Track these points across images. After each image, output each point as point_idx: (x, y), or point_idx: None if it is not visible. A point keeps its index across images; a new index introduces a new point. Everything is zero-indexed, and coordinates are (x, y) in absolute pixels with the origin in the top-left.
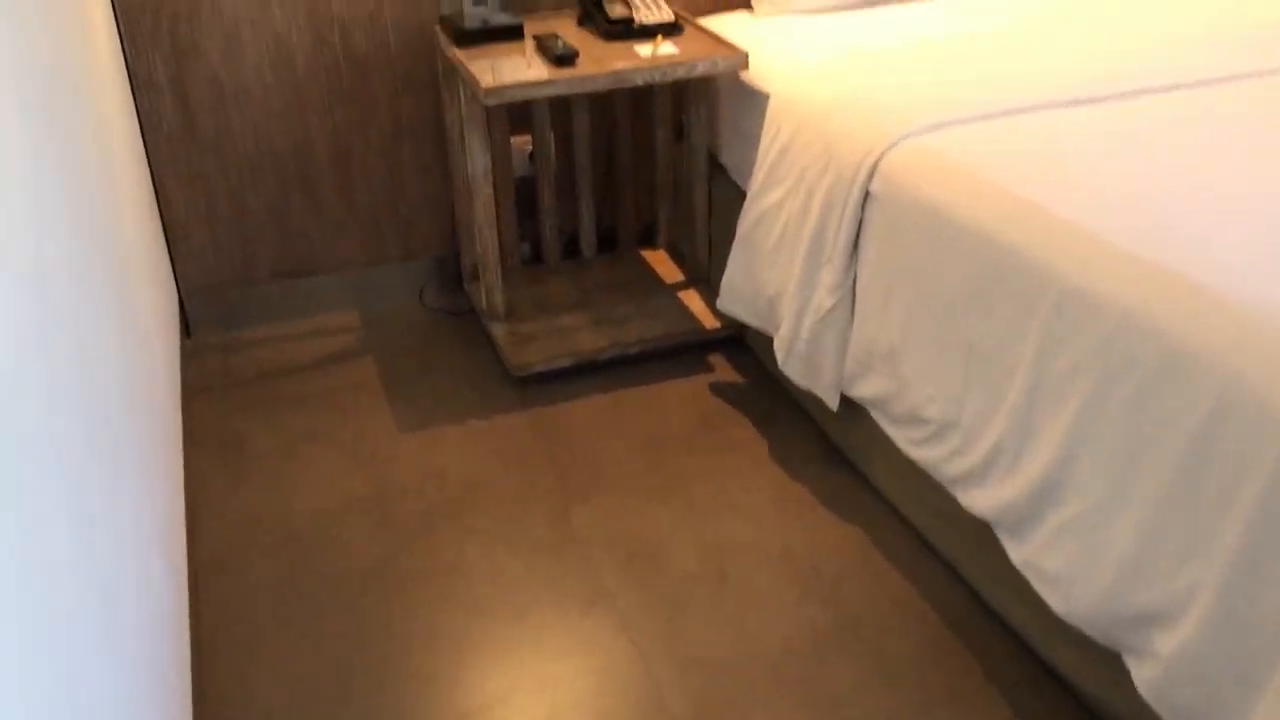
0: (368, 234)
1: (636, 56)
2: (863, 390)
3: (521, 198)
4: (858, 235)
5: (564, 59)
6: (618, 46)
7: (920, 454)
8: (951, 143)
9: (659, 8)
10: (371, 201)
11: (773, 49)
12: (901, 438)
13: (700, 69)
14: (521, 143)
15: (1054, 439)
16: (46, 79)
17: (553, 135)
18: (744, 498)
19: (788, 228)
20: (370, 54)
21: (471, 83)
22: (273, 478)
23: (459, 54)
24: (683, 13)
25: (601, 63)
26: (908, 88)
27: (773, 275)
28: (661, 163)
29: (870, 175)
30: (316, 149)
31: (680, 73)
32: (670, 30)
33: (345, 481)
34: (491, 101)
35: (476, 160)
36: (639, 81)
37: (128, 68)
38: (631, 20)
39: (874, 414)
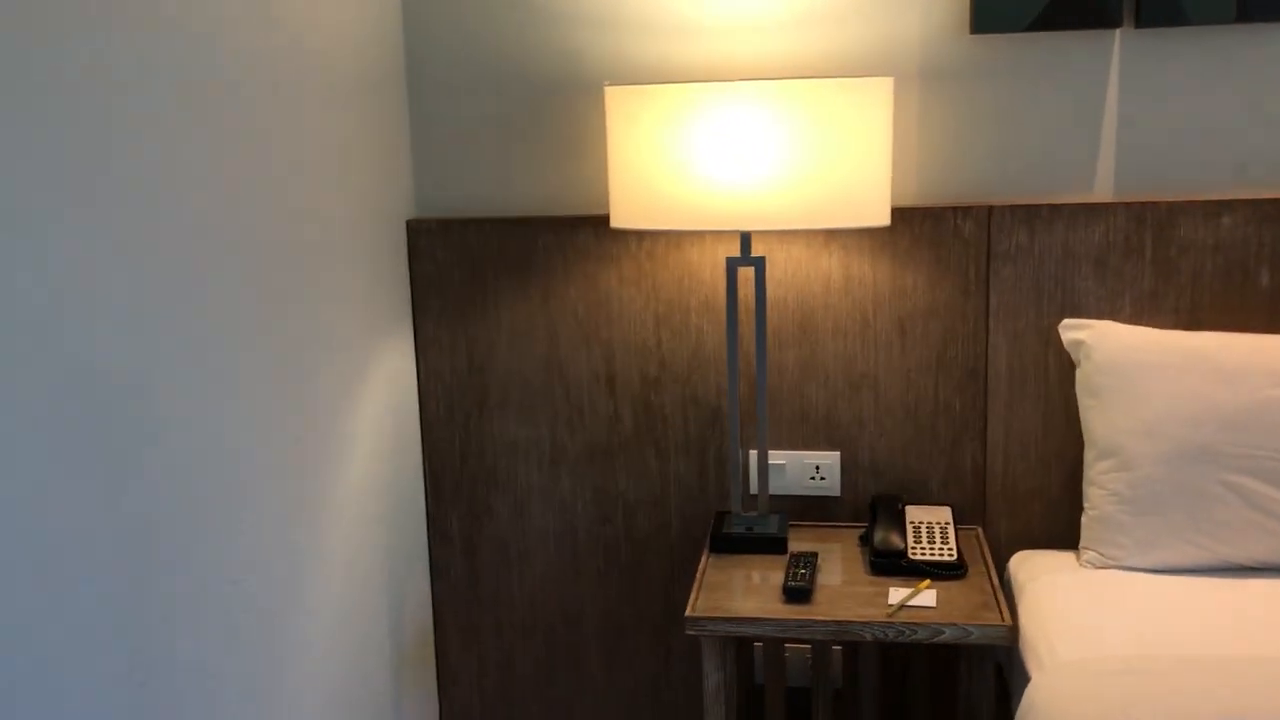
0: (625, 717)
1: (883, 603)
2: None
3: (795, 712)
4: None
5: (795, 593)
6: (878, 583)
7: None
8: None
9: (943, 542)
10: (635, 683)
11: (1068, 615)
12: None
13: (947, 635)
14: (801, 647)
15: None
16: None
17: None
18: None
19: None
20: (651, 535)
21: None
22: None
23: (706, 559)
24: (978, 546)
25: (838, 605)
26: None
27: None
28: (962, 692)
29: None
30: (586, 622)
31: (920, 636)
32: (946, 572)
33: None
34: (691, 631)
35: (709, 676)
36: (867, 638)
37: (428, 520)
38: (903, 553)
39: None
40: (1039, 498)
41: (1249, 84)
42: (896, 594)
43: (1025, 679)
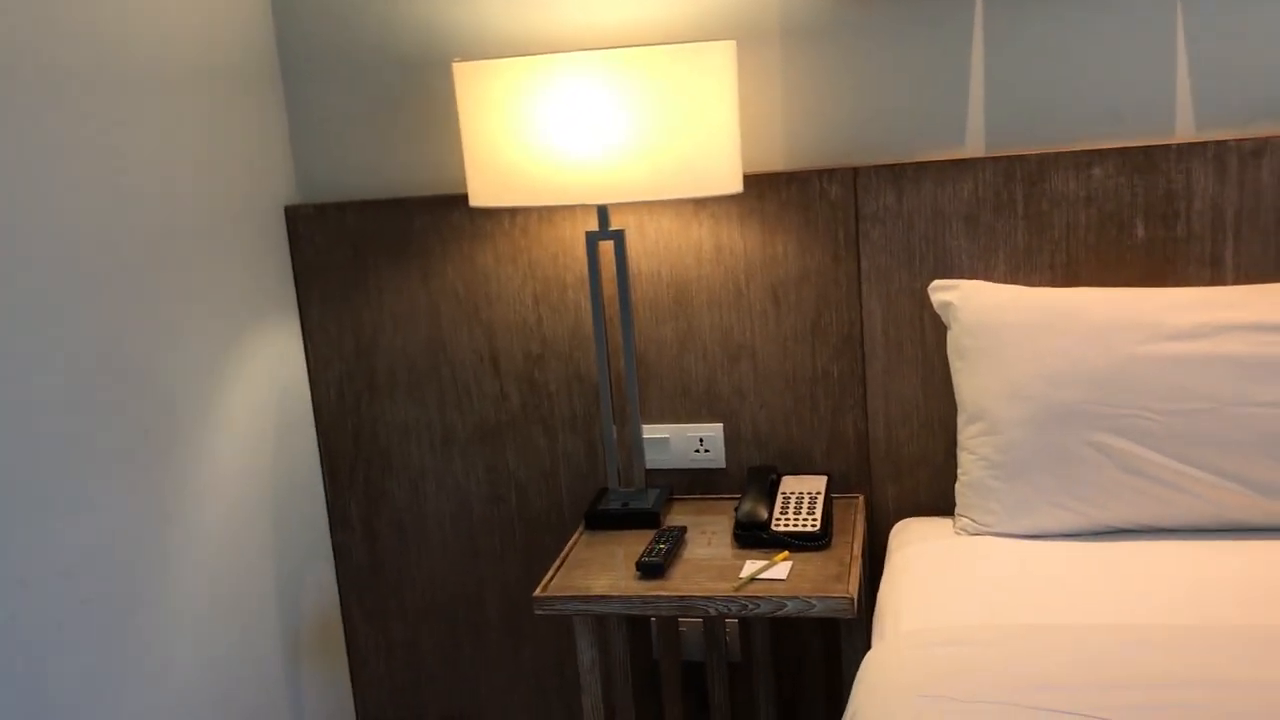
0: (532, 693)
1: (735, 576)
2: None
3: (691, 687)
4: None
5: (648, 569)
6: (742, 556)
7: None
8: None
9: (809, 514)
10: (538, 660)
11: (923, 584)
12: None
13: (790, 608)
14: (695, 622)
15: None
16: None
17: None
18: None
19: None
20: (543, 513)
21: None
22: None
23: (578, 536)
24: (854, 515)
25: (690, 579)
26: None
27: None
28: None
29: None
30: (486, 601)
31: (763, 610)
32: (808, 543)
33: None
34: (539, 610)
35: (583, 653)
36: (711, 612)
37: (328, 505)
38: (765, 525)
39: None
40: (924, 464)
41: (1115, 30)
42: (750, 567)
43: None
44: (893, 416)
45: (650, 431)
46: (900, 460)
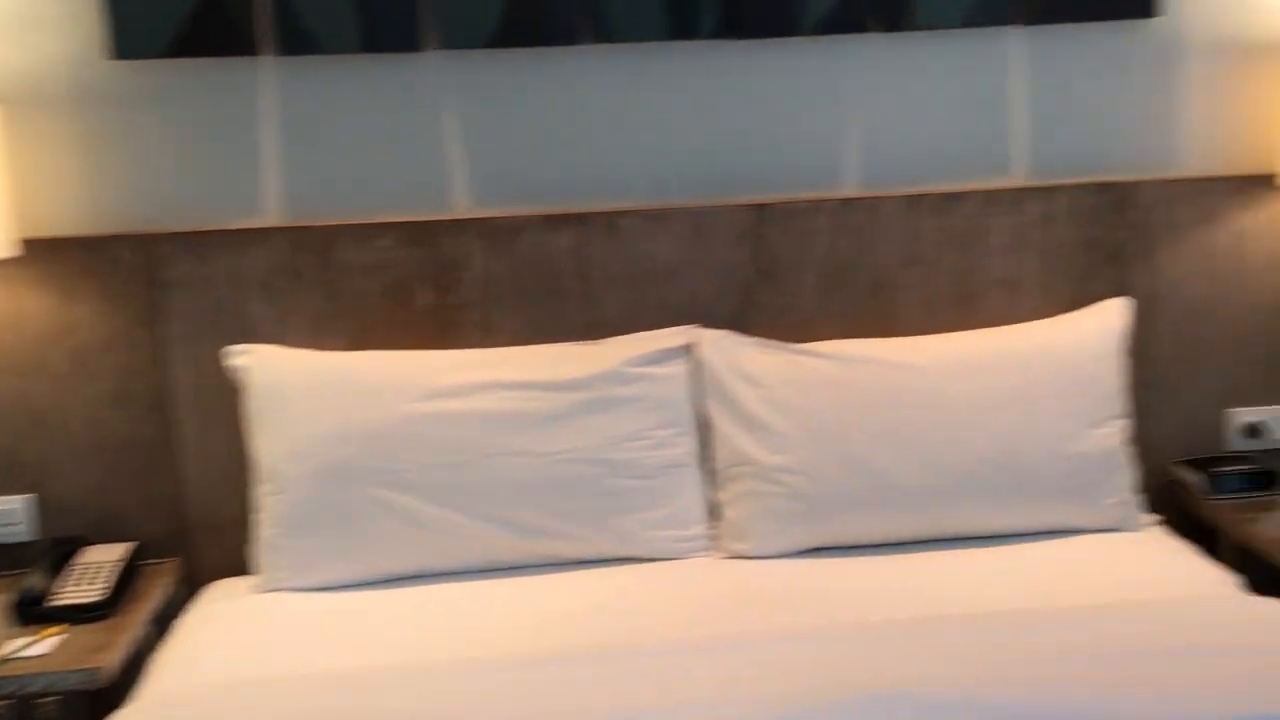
0: None
1: None
2: None
3: None
4: None
5: None
6: (20, 632)
7: None
8: None
9: (95, 580)
10: None
11: (192, 645)
12: None
13: (37, 685)
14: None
15: None
16: None
17: None
18: None
19: None
20: None
21: None
22: None
23: None
24: (159, 581)
25: None
26: None
27: None
28: None
29: None
30: None
31: (7, 688)
32: (88, 614)
33: None
34: None
35: None
36: None
37: None
38: (40, 599)
39: None
40: (242, 525)
41: (376, 109)
42: (12, 645)
43: None
44: (210, 479)
45: None
46: (220, 522)
